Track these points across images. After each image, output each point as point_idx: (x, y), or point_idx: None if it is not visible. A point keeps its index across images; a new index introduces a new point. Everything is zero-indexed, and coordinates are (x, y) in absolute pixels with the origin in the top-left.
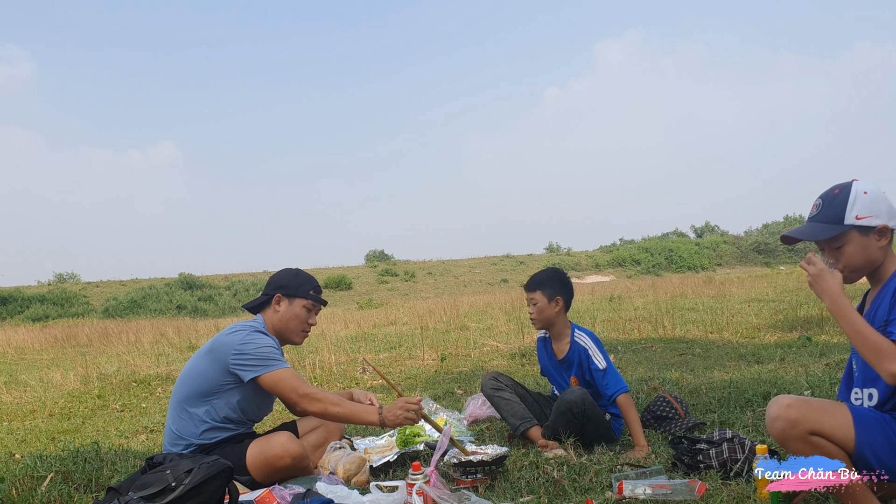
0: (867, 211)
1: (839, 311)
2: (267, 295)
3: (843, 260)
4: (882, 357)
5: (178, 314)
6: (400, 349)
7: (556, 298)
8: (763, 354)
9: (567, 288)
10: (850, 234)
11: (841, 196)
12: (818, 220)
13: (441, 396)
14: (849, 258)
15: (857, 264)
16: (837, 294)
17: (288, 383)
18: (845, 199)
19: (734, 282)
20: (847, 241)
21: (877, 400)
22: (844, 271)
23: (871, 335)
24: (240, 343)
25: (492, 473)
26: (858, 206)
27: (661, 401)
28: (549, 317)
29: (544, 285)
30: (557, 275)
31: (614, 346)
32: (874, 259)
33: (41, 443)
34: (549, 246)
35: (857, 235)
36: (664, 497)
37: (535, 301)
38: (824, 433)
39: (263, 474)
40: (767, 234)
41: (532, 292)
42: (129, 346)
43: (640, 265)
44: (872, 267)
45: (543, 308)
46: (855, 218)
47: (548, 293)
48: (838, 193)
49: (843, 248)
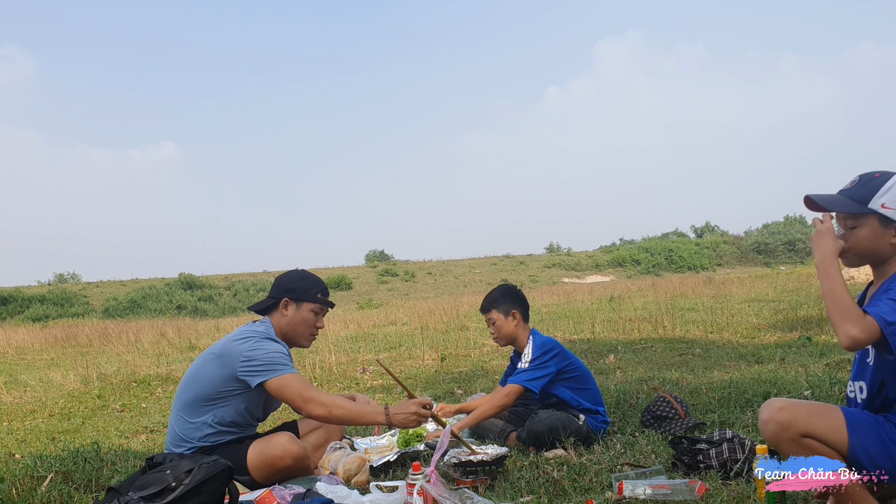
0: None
1: (825, 268)
2: (274, 298)
3: (851, 240)
4: (846, 319)
5: (178, 314)
6: (400, 349)
7: (512, 312)
8: (763, 354)
9: (521, 300)
10: (869, 218)
11: (878, 181)
12: (847, 195)
13: (441, 396)
14: (858, 241)
15: (862, 249)
16: (830, 253)
17: (293, 388)
18: (880, 184)
19: (734, 282)
20: (864, 224)
21: (866, 393)
22: (850, 252)
23: (844, 297)
24: (249, 350)
25: (492, 473)
26: (890, 196)
27: (661, 401)
28: (510, 332)
29: (498, 303)
30: (509, 289)
31: (614, 346)
32: (882, 252)
33: (41, 443)
34: (549, 246)
35: (876, 223)
36: (664, 497)
37: (493, 320)
38: (816, 435)
39: (264, 475)
40: (767, 234)
41: (488, 313)
42: (129, 346)
43: (640, 265)
44: (877, 259)
45: (502, 325)
46: (881, 206)
47: (503, 309)
48: (878, 178)
49: (856, 230)
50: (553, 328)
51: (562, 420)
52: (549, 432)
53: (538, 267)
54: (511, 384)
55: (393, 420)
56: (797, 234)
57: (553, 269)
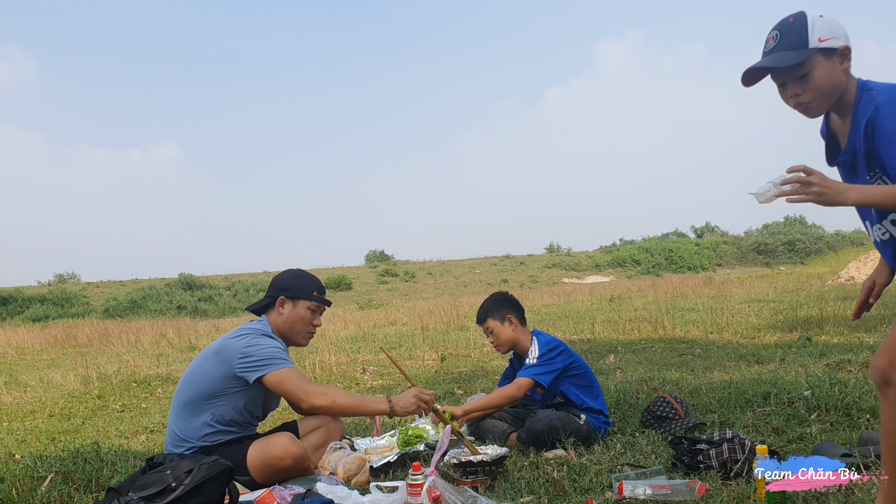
0: (828, 33)
1: (869, 194)
2: (270, 297)
3: (810, 88)
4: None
5: (178, 314)
6: (400, 349)
7: (507, 318)
8: (763, 355)
9: (514, 304)
10: (815, 58)
11: (798, 23)
12: (780, 49)
13: (441, 397)
14: (817, 84)
15: (825, 89)
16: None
17: (292, 381)
18: (804, 24)
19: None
20: (814, 65)
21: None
22: (813, 102)
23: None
24: (246, 346)
25: (492, 474)
26: (819, 30)
27: (661, 401)
28: (509, 337)
29: (492, 311)
30: (501, 296)
31: (614, 347)
32: (839, 83)
33: (41, 443)
34: (549, 246)
35: (823, 59)
36: (664, 497)
37: (491, 329)
38: None
39: (264, 475)
40: (767, 234)
41: (484, 323)
42: (129, 346)
43: (640, 265)
44: (839, 92)
45: (500, 331)
46: (818, 41)
47: (498, 316)
48: (793, 21)
49: (809, 75)
50: (553, 328)
51: (561, 420)
52: (548, 432)
53: (538, 267)
54: (522, 377)
55: (395, 407)
56: (797, 234)
57: (553, 269)
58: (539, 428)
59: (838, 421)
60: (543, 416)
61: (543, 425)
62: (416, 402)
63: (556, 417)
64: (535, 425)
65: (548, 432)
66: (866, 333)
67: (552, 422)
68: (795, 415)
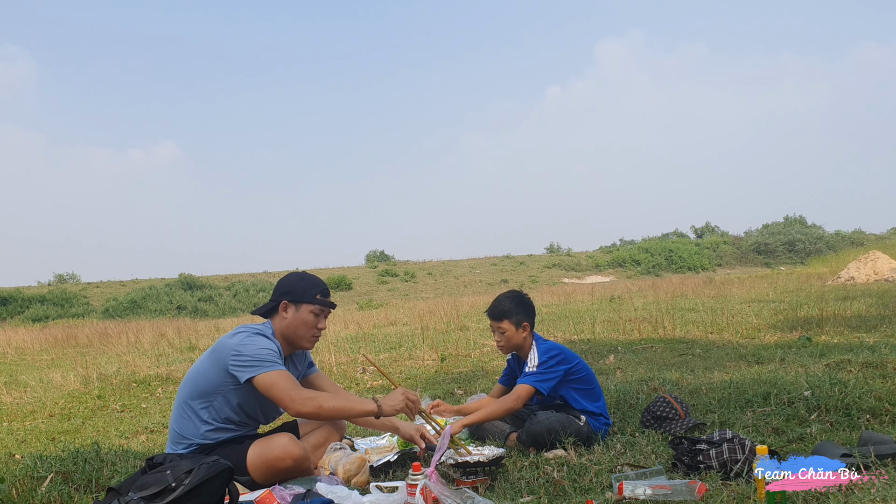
0: None
1: None
2: (274, 301)
3: None
4: None
5: (178, 315)
6: (400, 349)
7: (523, 325)
8: (763, 355)
9: (531, 311)
10: None
11: None
12: None
13: (441, 397)
14: None
15: None
16: None
17: (280, 386)
18: None
19: (734, 282)
20: None
21: None
22: None
23: None
24: (238, 343)
25: (492, 474)
26: None
27: (661, 401)
28: (517, 343)
29: (511, 314)
30: (521, 300)
31: (614, 347)
32: None
33: (41, 443)
34: (549, 246)
35: None
36: (664, 497)
37: (504, 330)
38: None
39: (264, 475)
40: (767, 234)
41: (499, 321)
42: (129, 346)
43: (640, 265)
44: None
45: (512, 336)
46: None
47: (515, 321)
48: None
49: None
50: (553, 328)
51: (561, 421)
52: (547, 433)
53: (538, 267)
54: (521, 385)
55: (383, 406)
56: (797, 234)
57: (553, 269)
58: (538, 430)
59: (838, 421)
60: (543, 418)
61: (543, 427)
62: (403, 399)
63: (555, 419)
64: (534, 427)
65: (547, 434)
66: (866, 333)
67: (552, 424)
68: (795, 415)
